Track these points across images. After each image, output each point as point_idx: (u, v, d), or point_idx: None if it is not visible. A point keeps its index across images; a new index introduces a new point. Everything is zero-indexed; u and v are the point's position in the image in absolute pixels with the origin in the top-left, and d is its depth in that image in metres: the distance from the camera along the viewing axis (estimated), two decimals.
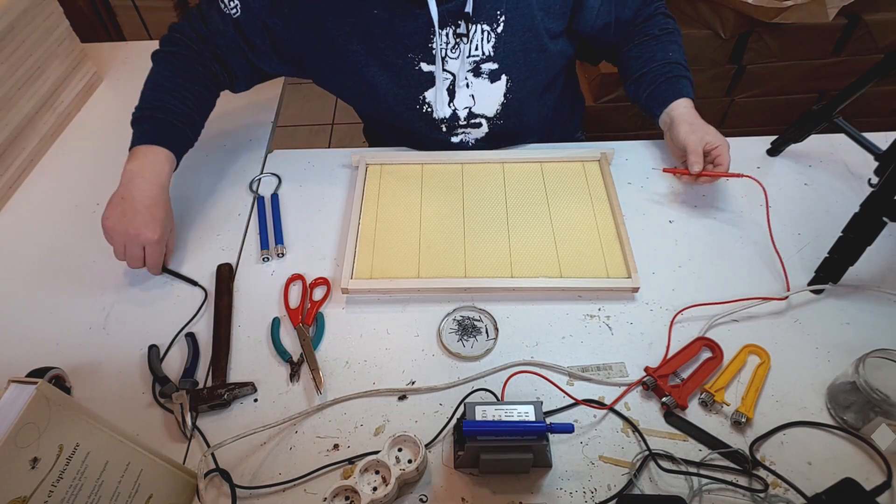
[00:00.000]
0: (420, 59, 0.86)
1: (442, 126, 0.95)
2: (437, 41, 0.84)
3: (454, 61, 0.86)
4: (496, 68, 0.88)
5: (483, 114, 0.94)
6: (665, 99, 0.89)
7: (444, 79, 0.88)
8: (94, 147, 1.06)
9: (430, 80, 0.89)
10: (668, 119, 0.89)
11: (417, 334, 0.76)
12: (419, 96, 0.91)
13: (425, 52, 0.85)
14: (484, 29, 0.84)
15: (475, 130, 0.97)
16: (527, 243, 0.84)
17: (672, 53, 0.91)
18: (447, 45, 0.84)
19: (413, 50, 0.85)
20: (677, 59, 0.91)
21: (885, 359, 0.64)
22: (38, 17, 1.04)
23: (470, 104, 0.92)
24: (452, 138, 0.98)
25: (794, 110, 1.23)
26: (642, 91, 0.92)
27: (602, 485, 0.63)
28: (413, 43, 0.85)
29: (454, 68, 0.87)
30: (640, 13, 0.93)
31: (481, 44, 0.85)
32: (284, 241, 0.87)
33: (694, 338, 0.74)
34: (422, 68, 0.87)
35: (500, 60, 0.87)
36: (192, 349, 0.75)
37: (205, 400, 0.69)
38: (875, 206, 0.70)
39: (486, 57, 0.87)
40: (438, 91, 0.89)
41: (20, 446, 0.43)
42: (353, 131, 2.22)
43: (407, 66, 0.87)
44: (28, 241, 0.91)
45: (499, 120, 0.95)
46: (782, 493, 0.61)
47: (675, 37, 0.93)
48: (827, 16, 1.41)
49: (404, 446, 0.65)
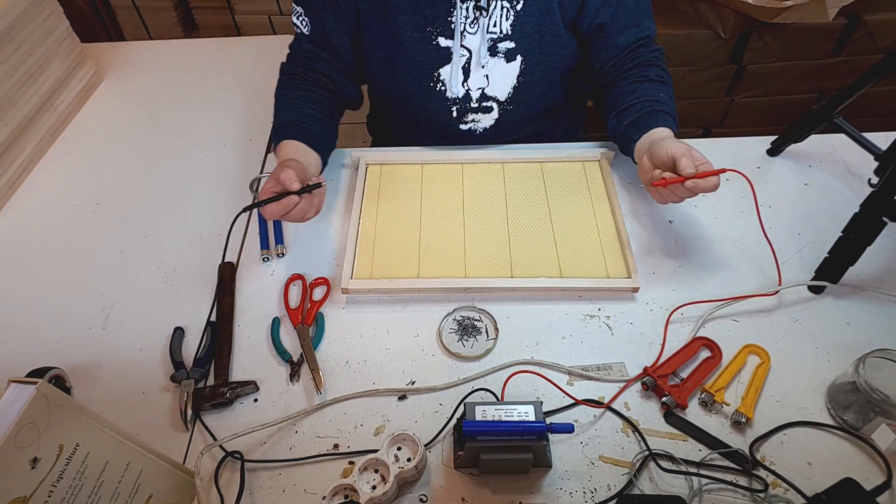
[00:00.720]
0: (438, 34, 0.87)
1: (453, 110, 0.96)
2: (456, 14, 0.85)
3: (472, 37, 0.87)
4: (513, 47, 0.89)
5: (495, 96, 0.95)
6: (646, 125, 0.85)
7: (460, 55, 0.89)
8: (95, 147, 1.06)
9: (447, 57, 0.90)
10: (646, 142, 0.84)
11: (417, 334, 0.76)
12: (434, 73, 0.92)
13: (444, 25, 0.87)
14: (504, 5, 0.85)
15: (485, 116, 0.97)
16: (527, 243, 0.84)
17: (663, 95, 0.89)
18: (466, 19, 0.85)
19: (432, 23, 0.86)
20: (666, 101, 0.88)
21: (885, 359, 0.64)
22: (38, 17, 1.04)
23: (483, 84, 0.93)
24: (461, 125, 0.98)
25: (795, 110, 1.23)
26: (624, 120, 0.89)
27: (602, 485, 0.63)
28: (433, 15, 0.86)
29: (471, 44, 0.88)
30: (638, 53, 0.92)
31: (500, 20, 0.86)
32: (284, 240, 0.88)
33: (691, 337, 0.74)
34: (439, 43, 0.88)
35: (517, 39, 0.88)
36: (208, 339, 0.75)
37: (207, 398, 0.70)
38: (875, 206, 0.70)
39: (503, 35, 0.88)
40: (454, 67, 0.90)
41: (20, 446, 0.43)
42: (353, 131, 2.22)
43: (425, 41, 0.88)
44: (28, 241, 0.91)
45: (509, 105, 0.96)
46: (782, 493, 0.61)
47: (668, 87, 0.92)
48: (827, 16, 1.41)
49: (403, 445, 0.65)
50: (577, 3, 0.88)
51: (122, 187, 0.98)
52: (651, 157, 0.80)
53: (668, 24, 1.54)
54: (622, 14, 0.89)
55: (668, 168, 0.77)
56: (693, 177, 0.73)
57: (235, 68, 1.23)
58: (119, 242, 0.89)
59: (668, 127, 0.84)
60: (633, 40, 0.91)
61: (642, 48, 0.92)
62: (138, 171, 1.01)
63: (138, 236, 0.90)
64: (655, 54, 0.94)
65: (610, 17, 0.89)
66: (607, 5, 0.88)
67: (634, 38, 0.91)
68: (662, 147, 0.78)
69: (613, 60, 0.93)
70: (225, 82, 1.19)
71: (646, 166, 0.81)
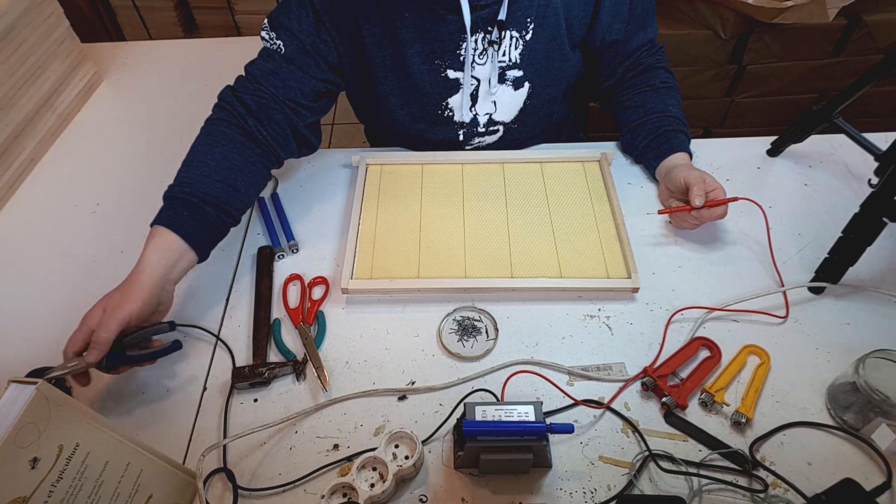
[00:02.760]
0: (447, 66, 0.86)
1: (460, 133, 0.95)
2: (466, 47, 0.83)
3: (481, 67, 0.86)
4: (521, 76, 0.88)
5: (502, 120, 0.94)
6: (663, 152, 0.89)
7: (469, 84, 0.88)
8: (95, 147, 1.06)
9: (455, 87, 0.88)
10: (663, 170, 0.89)
11: (417, 334, 0.76)
12: (442, 102, 0.90)
13: (453, 58, 0.85)
14: (513, 35, 0.84)
15: (491, 137, 0.97)
16: (527, 243, 0.84)
17: (672, 108, 0.91)
18: (475, 51, 0.84)
19: (441, 56, 0.85)
20: (676, 114, 0.91)
21: (885, 359, 0.64)
22: (38, 18, 1.04)
23: (491, 111, 0.92)
24: (467, 147, 0.98)
25: (795, 111, 1.23)
26: (639, 141, 0.92)
27: (602, 485, 0.63)
28: (442, 49, 0.84)
29: (480, 74, 0.87)
30: (641, 59, 0.93)
31: (509, 50, 0.85)
32: (295, 237, 0.88)
33: (691, 337, 0.74)
34: (448, 75, 0.87)
35: (525, 68, 0.87)
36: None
37: (246, 377, 0.71)
38: (875, 206, 0.70)
39: (512, 64, 0.86)
40: (463, 96, 0.89)
41: (20, 446, 0.43)
42: (353, 131, 2.22)
43: (433, 72, 0.86)
44: (28, 241, 0.91)
45: (514, 125, 0.95)
46: (782, 493, 0.61)
47: (675, 92, 0.94)
48: (827, 16, 1.41)
49: (401, 443, 0.65)
50: (586, 23, 0.87)
51: (122, 187, 0.98)
52: (667, 184, 0.87)
53: (668, 24, 1.54)
54: (633, 22, 0.89)
55: (683, 194, 0.83)
56: (700, 207, 0.79)
57: (236, 68, 1.21)
58: (119, 242, 0.89)
59: (682, 149, 0.89)
60: (640, 44, 0.92)
61: (645, 51, 0.93)
62: (138, 172, 1.01)
63: (138, 236, 0.89)
64: (658, 56, 0.94)
65: (622, 33, 0.89)
66: (618, 20, 0.87)
67: (641, 42, 0.92)
68: (678, 175, 0.84)
69: (621, 67, 0.93)
70: (225, 82, 1.18)
71: (663, 193, 0.90)
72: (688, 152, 0.90)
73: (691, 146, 0.91)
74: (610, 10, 0.86)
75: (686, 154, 0.89)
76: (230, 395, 0.71)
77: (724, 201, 0.80)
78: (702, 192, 0.80)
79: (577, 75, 0.95)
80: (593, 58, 0.94)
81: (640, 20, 0.90)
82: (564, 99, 0.98)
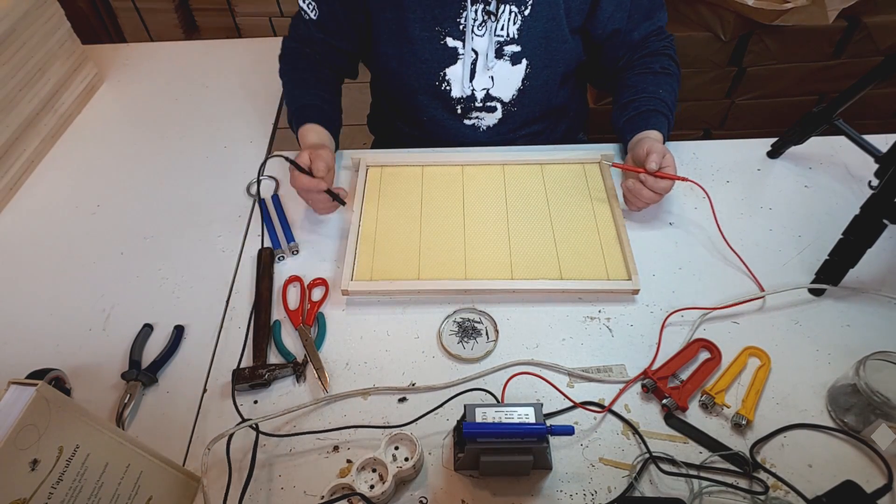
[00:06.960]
0: (446, 34, 0.88)
1: (457, 108, 0.97)
2: (466, 15, 0.86)
3: (479, 39, 0.88)
4: (518, 51, 0.90)
5: (499, 97, 0.96)
6: (639, 127, 0.90)
7: (469, 56, 0.90)
8: (95, 148, 1.06)
9: (454, 57, 0.91)
10: (635, 140, 0.90)
11: (418, 336, 0.76)
12: (440, 72, 0.93)
13: (453, 26, 0.88)
14: (512, 10, 0.86)
15: (489, 115, 0.98)
16: (527, 245, 0.84)
17: (663, 91, 0.92)
18: (475, 21, 0.86)
19: (441, 23, 0.87)
20: (664, 98, 0.91)
21: (885, 361, 0.64)
22: (39, 19, 1.04)
23: (489, 85, 0.94)
24: (465, 121, 0.99)
25: (795, 112, 1.23)
26: (622, 116, 0.93)
27: (602, 487, 0.63)
28: (443, 15, 0.87)
29: (479, 46, 0.89)
30: (649, 43, 0.94)
31: (507, 24, 0.87)
32: (295, 238, 0.88)
33: (690, 339, 0.74)
34: (447, 43, 0.89)
35: (524, 44, 0.89)
36: (172, 342, 0.75)
37: (246, 379, 0.71)
38: (875, 208, 0.70)
39: (510, 39, 0.89)
40: (462, 66, 0.91)
41: (20, 448, 0.43)
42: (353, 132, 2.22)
43: (433, 40, 0.89)
44: (29, 242, 0.91)
45: (513, 107, 0.97)
46: (783, 495, 0.61)
47: (673, 79, 0.94)
48: (827, 18, 1.41)
49: (401, 444, 0.65)
50: (584, 10, 0.89)
51: (122, 189, 0.98)
52: (632, 154, 0.89)
53: (668, 25, 1.54)
54: (636, 13, 0.90)
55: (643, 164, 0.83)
56: (654, 173, 0.80)
57: (236, 70, 1.23)
58: (119, 244, 0.89)
59: (658, 129, 0.89)
60: (647, 34, 0.93)
61: (653, 38, 0.94)
62: (139, 173, 1.01)
63: (139, 238, 0.90)
64: (665, 43, 0.95)
65: (624, 21, 0.90)
66: (620, 9, 0.89)
67: (647, 31, 0.93)
68: (642, 144, 0.85)
69: (628, 55, 0.94)
70: (225, 84, 1.19)
71: (627, 162, 0.90)
72: (662, 133, 0.90)
73: (691, 146, 0.92)
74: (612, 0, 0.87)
75: (660, 133, 0.89)
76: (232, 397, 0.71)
77: (673, 176, 0.82)
78: (659, 160, 0.82)
79: (577, 61, 0.97)
80: (595, 47, 0.95)
81: (646, 10, 0.91)
82: (563, 84, 0.99)
